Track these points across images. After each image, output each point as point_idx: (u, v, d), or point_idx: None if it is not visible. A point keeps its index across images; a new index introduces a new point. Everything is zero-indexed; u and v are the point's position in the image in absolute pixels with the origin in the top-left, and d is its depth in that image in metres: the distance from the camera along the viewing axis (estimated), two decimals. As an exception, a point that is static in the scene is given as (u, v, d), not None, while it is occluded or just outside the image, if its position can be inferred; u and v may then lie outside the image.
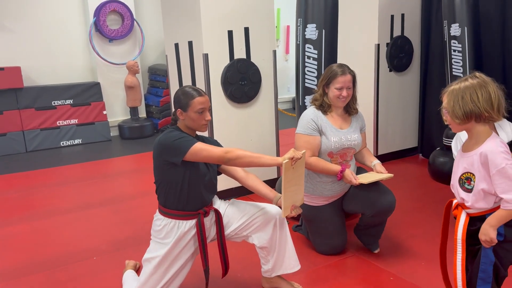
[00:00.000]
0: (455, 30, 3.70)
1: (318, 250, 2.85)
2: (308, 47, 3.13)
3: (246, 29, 3.65)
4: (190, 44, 3.66)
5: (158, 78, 6.84)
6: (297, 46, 3.21)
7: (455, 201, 1.81)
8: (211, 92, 3.56)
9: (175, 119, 2.19)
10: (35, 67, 6.25)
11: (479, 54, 3.81)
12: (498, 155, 1.60)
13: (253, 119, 3.83)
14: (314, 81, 3.15)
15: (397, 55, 4.61)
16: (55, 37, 6.36)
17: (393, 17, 4.52)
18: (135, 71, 6.50)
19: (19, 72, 5.81)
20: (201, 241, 2.15)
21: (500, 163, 1.59)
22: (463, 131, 1.73)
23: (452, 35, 3.73)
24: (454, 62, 3.77)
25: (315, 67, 3.14)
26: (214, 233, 2.26)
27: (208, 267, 2.20)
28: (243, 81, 3.67)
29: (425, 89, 4.82)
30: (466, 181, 1.69)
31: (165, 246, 2.14)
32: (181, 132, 2.11)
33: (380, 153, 4.72)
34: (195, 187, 2.13)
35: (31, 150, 5.97)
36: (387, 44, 4.55)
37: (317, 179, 2.67)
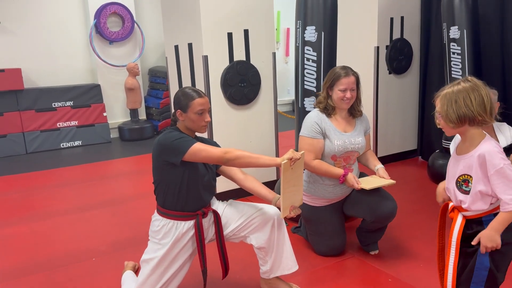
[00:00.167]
0: (454, 32, 3.71)
1: (316, 250, 2.85)
2: (307, 49, 3.14)
3: (245, 31, 3.66)
4: (190, 46, 3.67)
5: (158, 80, 6.85)
6: (297, 48, 3.22)
7: (451, 204, 1.81)
8: (210, 94, 3.57)
9: (174, 120, 2.20)
10: (36, 69, 6.26)
11: (478, 56, 3.82)
12: (495, 155, 1.61)
13: (252, 121, 3.84)
14: (313, 83, 3.16)
15: (396, 58, 4.62)
16: (56, 39, 6.37)
17: (392, 19, 4.54)
18: (135, 73, 6.51)
19: (19, 73, 5.82)
20: (199, 242, 2.15)
21: (498, 163, 1.60)
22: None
23: (451, 37, 3.75)
24: (453, 64, 3.79)
25: (315, 69, 3.15)
26: (212, 234, 2.26)
27: (206, 268, 2.20)
28: (242, 83, 3.68)
29: (425, 92, 4.82)
30: (463, 183, 1.70)
31: (163, 247, 2.14)
32: (181, 132, 2.12)
33: (379, 155, 4.72)
34: (194, 188, 2.14)
35: (31, 151, 5.98)
36: (387, 46, 4.56)
37: (319, 181, 2.67)
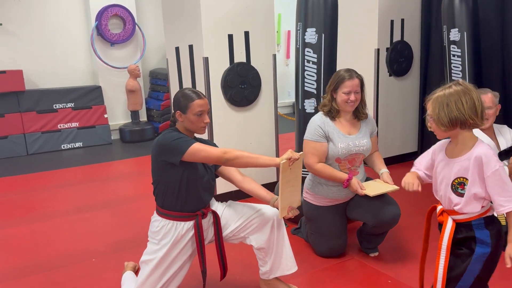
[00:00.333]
0: (455, 35, 3.72)
1: (316, 250, 2.85)
2: (307, 51, 3.15)
3: (246, 33, 3.67)
4: (190, 47, 3.68)
5: (159, 82, 6.86)
6: (297, 50, 3.23)
7: (439, 207, 1.81)
8: (211, 95, 3.58)
9: (174, 120, 2.21)
10: (37, 71, 6.27)
11: (479, 59, 3.82)
12: (491, 157, 1.63)
13: (252, 123, 3.84)
14: (313, 84, 3.16)
15: (397, 60, 4.63)
16: (57, 40, 6.39)
17: (393, 22, 4.54)
18: (136, 75, 6.52)
19: (21, 75, 5.84)
20: (198, 242, 2.15)
21: (494, 165, 1.62)
22: None
23: (451, 40, 3.75)
24: (453, 67, 3.79)
25: (315, 71, 3.16)
26: (211, 235, 2.27)
27: (205, 268, 2.20)
28: (243, 85, 3.69)
29: (425, 94, 4.79)
30: (459, 186, 1.70)
31: (162, 247, 2.14)
32: (180, 133, 2.13)
33: (379, 157, 4.72)
34: (193, 188, 2.14)
35: (32, 153, 5.99)
36: (387, 49, 4.57)
37: (324, 182, 2.66)
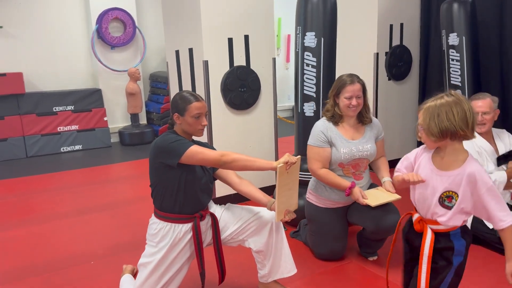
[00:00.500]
0: (453, 39, 3.73)
1: (316, 252, 2.84)
2: (307, 55, 3.16)
3: (246, 37, 3.68)
4: (190, 51, 3.69)
5: (159, 85, 6.87)
6: (296, 53, 3.24)
7: (416, 216, 1.79)
8: (210, 98, 3.59)
9: (172, 123, 2.22)
10: (37, 73, 6.29)
11: (477, 63, 3.83)
12: (484, 174, 1.64)
13: (252, 126, 3.85)
14: (313, 88, 3.17)
15: (396, 64, 4.64)
16: (57, 43, 6.41)
17: (392, 26, 4.56)
18: (137, 78, 6.54)
19: (21, 77, 5.86)
20: (197, 244, 2.15)
21: (487, 181, 1.62)
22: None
23: (450, 44, 3.77)
24: (452, 71, 3.80)
25: (314, 75, 3.17)
26: (209, 238, 2.27)
27: (204, 270, 2.20)
28: (242, 88, 3.70)
29: (424, 98, 4.76)
30: (446, 199, 1.69)
31: (160, 250, 2.14)
32: (178, 135, 2.13)
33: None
34: (191, 190, 2.14)
35: (32, 155, 5.99)
36: (386, 53, 4.58)
37: (326, 185, 2.67)
